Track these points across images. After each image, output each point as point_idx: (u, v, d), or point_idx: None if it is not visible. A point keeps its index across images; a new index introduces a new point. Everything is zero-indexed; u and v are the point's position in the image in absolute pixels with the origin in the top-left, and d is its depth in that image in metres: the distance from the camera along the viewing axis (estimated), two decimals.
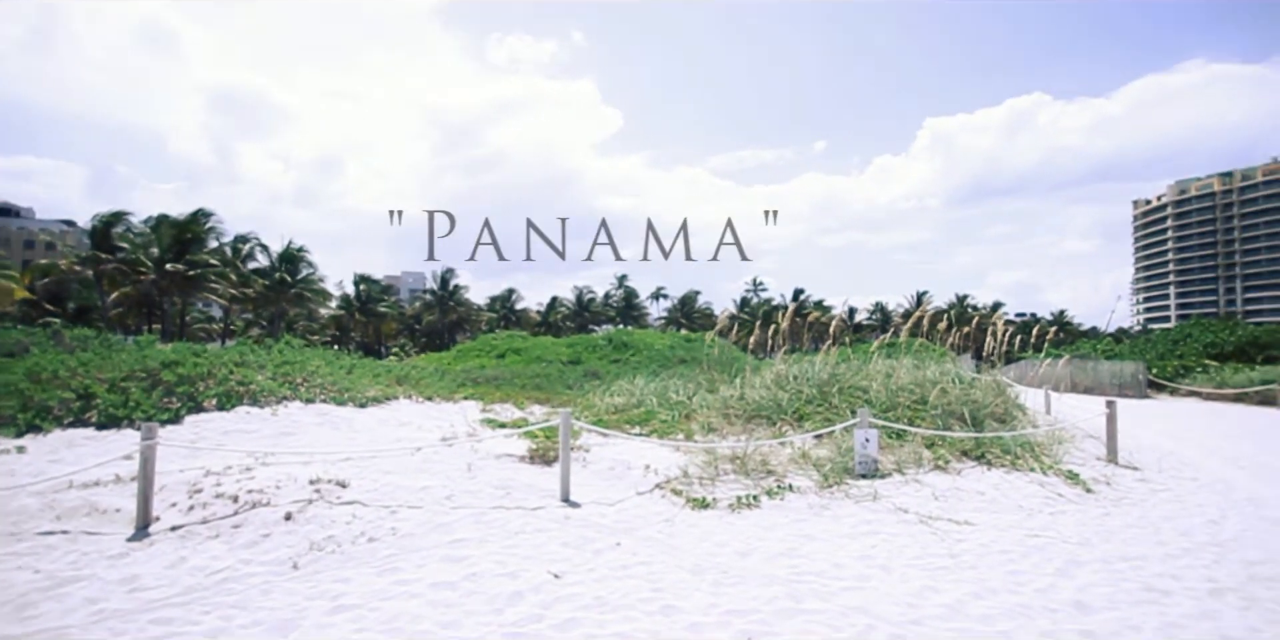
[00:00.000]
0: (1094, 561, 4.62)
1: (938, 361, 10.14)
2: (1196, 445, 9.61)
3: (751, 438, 7.64)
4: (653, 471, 6.62)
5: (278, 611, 3.54)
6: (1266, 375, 17.14)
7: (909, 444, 7.37)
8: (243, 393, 8.45)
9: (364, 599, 3.70)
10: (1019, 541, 5.01)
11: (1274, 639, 3.44)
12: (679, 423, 8.54)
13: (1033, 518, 5.65)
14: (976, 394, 8.61)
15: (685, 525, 5.25)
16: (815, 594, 3.93)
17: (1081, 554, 4.77)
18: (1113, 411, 7.98)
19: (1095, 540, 5.09)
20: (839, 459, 6.82)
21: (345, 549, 4.44)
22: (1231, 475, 7.49)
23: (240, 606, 3.60)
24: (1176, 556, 4.75)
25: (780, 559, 4.56)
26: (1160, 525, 5.52)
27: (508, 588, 3.87)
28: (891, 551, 4.75)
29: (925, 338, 12.44)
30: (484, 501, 5.46)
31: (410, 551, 4.41)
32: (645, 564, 4.33)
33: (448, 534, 4.74)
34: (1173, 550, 4.89)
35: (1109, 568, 4.50)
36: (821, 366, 9.64)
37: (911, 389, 8.64)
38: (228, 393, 8.31)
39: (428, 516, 5.04)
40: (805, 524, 5.34)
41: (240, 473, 5.74)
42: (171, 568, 4.12)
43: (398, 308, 64.10)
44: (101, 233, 36.11)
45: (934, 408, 8.09)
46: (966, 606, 3.81)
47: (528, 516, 5.18)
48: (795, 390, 8.95)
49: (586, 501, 5.66)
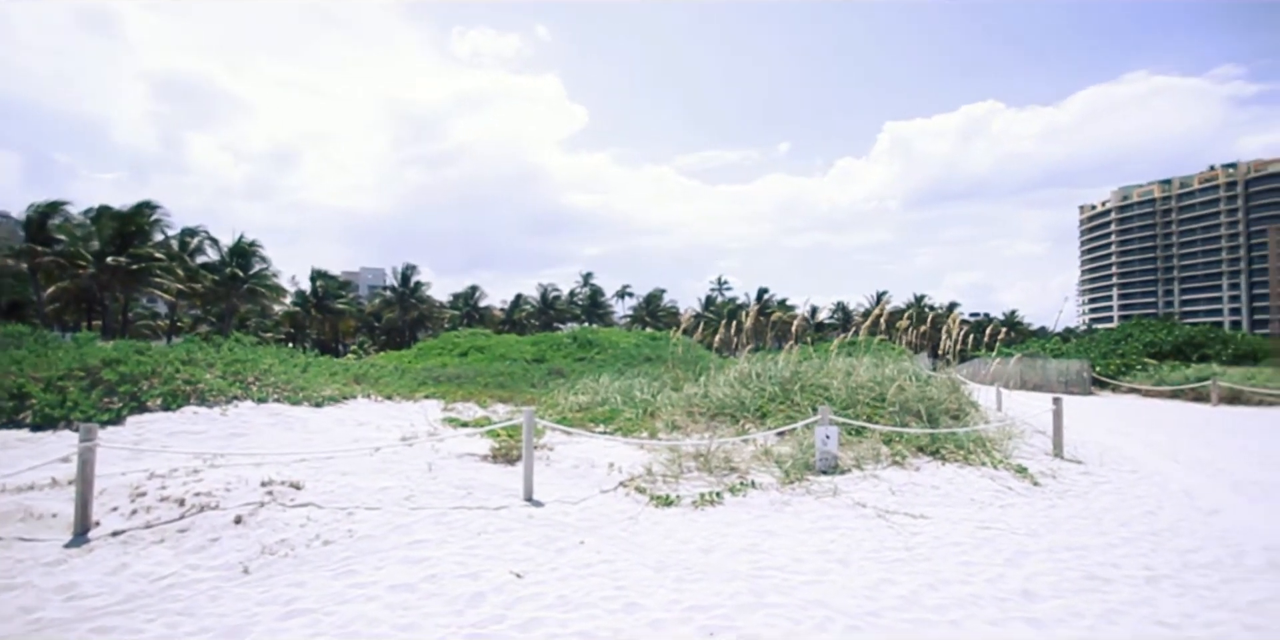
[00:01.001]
0: (1040, 552, 4.80)
1: (896, 360, 10.40)
2: (1136, 440, 10.08)
3: (715, 435, 7.71)
4: (617, 470, 6.62)
5: (227, 618, 3.41)
6: (1200, 373, 18.09)
7: (868, 440, 7.54)
8: (190, 392, 8.14)
9: (319, 603, 3.60)
10: (970, 533, 5.18)
11: (1206, 623, 3.64)
12: (643, 421, 8.56)
13: (984, 510, 5.84)
14: (932, 391, 8.86)
15: (649, 523, 5.27)
16: (776, 588, 3.98)
17: (1029, 544, 4.96)
18: (1059, 408, 8.31)
19: (1042, 531, 5.30)
20: (800, 455, 6.94)
21: (299, 552, 4.31)
22: (1167, 468, 7.88)
23: (187, 613, 3.47)
24: (1116, 546, 4.98)
25: (742, 555, 4.61)
26: (1102, 516, 5.77)
27: (469, 589, 3.82)
28: (850, 545, 4.86)
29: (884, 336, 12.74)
30: (445, 502, 5.37)
31: (368, 554, 4.32)
32: (609, 562, 4.32)
33: (407, 535, 4.65)
34: (1113, 540, 5.12)
35: (1054, 557, 4.69)
36: (784, 365, 9.79)
37: (871, 387, 8.84)
38: (174, 392, 7.99)
39: (386, 518, 4.93)
40: (767, 520, 5.41)
41: (187, 475, 5.52)
42: (112, 574, 3.93)
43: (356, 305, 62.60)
44: (37, 224, 34.25)
45: (892, 405, 8.30)
46: (921, 597, 3.92)
47: (490, 516, 5.11)
48: (758, 388, 9.06)
49: (550, 500, 5.63)
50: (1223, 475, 7.49)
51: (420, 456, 6.81)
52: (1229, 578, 4.35)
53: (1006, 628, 3.56)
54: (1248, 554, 4.81)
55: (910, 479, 6.59)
